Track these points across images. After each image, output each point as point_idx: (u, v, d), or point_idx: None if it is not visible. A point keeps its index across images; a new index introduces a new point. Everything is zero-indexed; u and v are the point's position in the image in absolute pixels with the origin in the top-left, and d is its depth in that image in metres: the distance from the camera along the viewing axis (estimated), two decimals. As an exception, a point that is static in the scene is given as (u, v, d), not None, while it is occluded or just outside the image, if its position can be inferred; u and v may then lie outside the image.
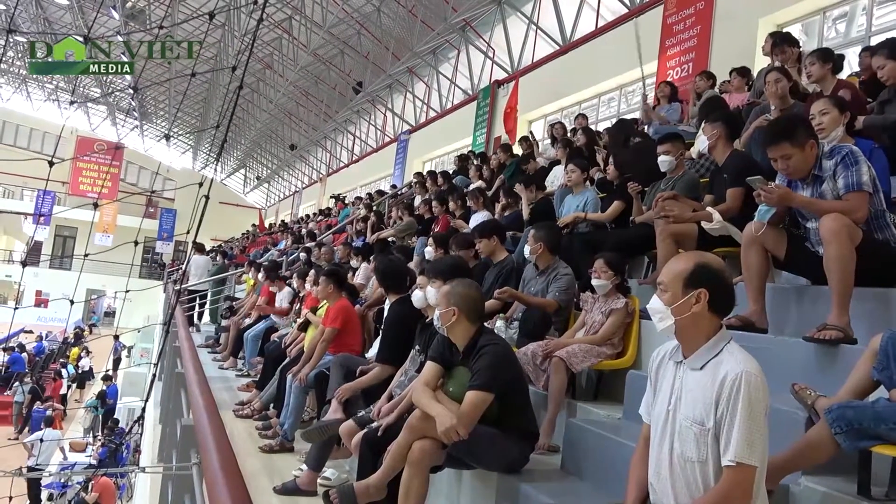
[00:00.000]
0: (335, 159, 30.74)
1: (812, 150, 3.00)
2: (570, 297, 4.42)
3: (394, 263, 4.93)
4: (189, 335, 4.79)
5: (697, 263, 2.01)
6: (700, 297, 1.97)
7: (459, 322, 3.06)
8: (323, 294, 5.63)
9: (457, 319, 3.06)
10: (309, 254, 10.70)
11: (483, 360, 2.91)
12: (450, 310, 3.06)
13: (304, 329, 6.00)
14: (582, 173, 5.83)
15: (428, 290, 3.79)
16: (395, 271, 4.69)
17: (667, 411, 2.05)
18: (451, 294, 3.10)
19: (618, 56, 11.93)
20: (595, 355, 3.84)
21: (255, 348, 7.85)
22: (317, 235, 14.12)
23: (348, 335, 5.35)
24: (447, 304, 3.07)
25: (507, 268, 4.88)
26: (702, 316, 1.98)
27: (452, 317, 3.05)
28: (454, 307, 3.06)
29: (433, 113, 20.50)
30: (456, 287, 3.14)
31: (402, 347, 4.09)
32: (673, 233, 4.00)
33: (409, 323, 4.04)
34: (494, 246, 5.03)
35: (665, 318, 2.03)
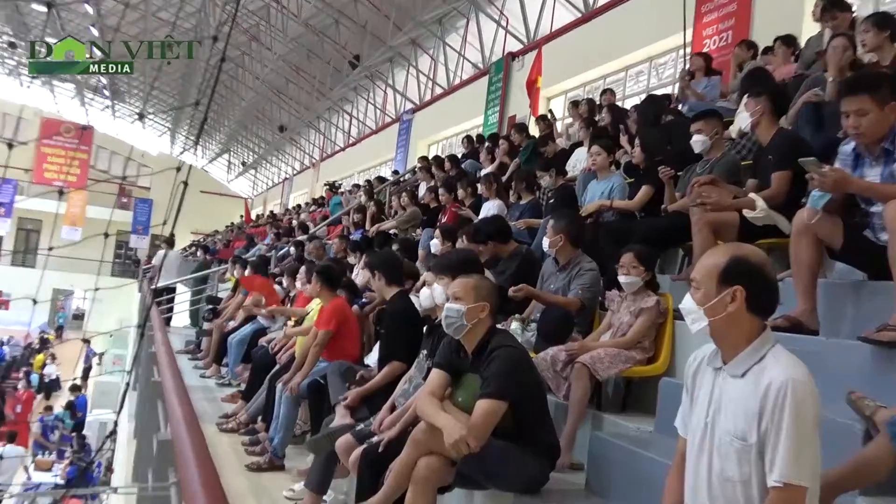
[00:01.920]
0: (329, 142, 30.79)
1: (892, 114, 2.93)
2: (594, 295, 4.41)
3: (385, 253, 4.96)
4: (167, 339, 4.81)
5: (733, 257, 2.00)
6: (735, 296, 1.96)
7: (484, 320, 3.09)
8: (315, 293, 5.65)
9: (485, 317, 3.08)
10: (300, 248, 10.72)
11: (496, 366, 2.91)
12: (479, 305, 3.06)
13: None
14: (607, 156, 5.82)
15: (435, 287, 3.78)
16: (389, 260, 4.72)
17: (705, 424, 2.03)
18: (480, 288, 3.11)
19: (648, 24, 11.85)
20: (623, 361, 3.83)
21: (240, 354, 7.87)
22: (309, 228, 14.15)
23: (344, 339, 5.36)
24: (477, 299, 3.07)
25: (521, 260, 4.87)
26: (739, 316, 1.97)
27: (481, 314, 3.06)
28: (485, 302, 3.07)
29: (439, 90, 20.48)
30: (483, 280, 3.19)
31: (411, 345, 4.10)
32: (710, 222, 3.98)
33: (413, 320, 4.04)
34: (494, 248, 5.05)
35: (698, 319, 2.02)
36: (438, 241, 6.04)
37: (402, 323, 4.26)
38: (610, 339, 4.02)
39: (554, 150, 8.39)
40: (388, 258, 4.85)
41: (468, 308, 3.06)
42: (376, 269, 4.62)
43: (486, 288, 3.13)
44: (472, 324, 3.05)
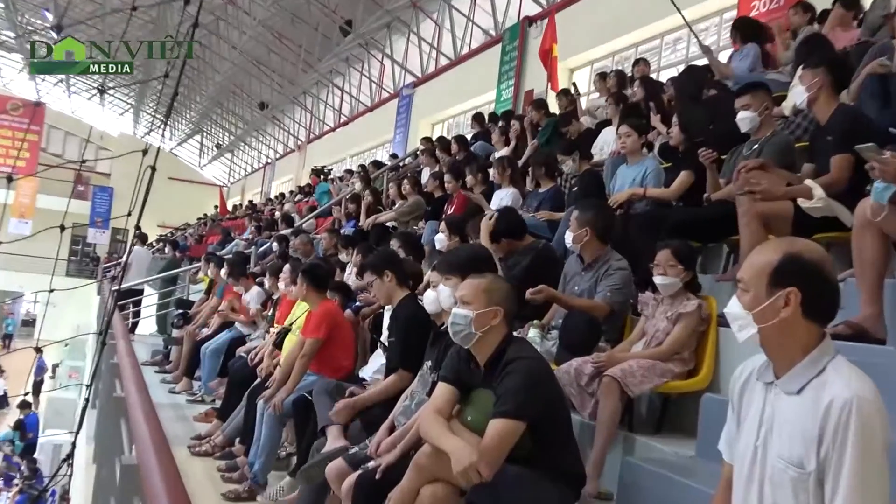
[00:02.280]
0: (318, 122, 30.86)
1: None
2: (625, 298, 4.41)
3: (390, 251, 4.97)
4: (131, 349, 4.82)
5: (786, 254, 1.99)
6: (789, 299, 1.96)
7: (498, 328, 3.08)
8: (301, 295, 5.67)
9: (498, 324, 3.08)
10: (283, 244, 10.75)
11: (511, 380, 2.91)
12: (490, 311, 3.06)
13: (280, 344, 6.04)
14: (639, 137, 5.81)
15: (441, 289, 3.79)
16: (398, 258, 4.73)
17: (754, 448, 2.03)
18: (492, 290, 3.11)
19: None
20: (658, 374, 3.83)
21: (215, 366, 7.90)
22: (294, 220, 14.17)
23: (336, 348, 5.37)
24: (487, 303, 3.07)
25: (535, 256, 4.88)
26: (794, 323, 1.96)
27: (493, 319, 3.06)
28: (498, 307, 3.07)
29: (445, 61, 20.47)
30: (496, 281, 3.18)
31: (414, 357, 4.12)
32: (760, 213, 3.97)
33: (427, 328, 4.05)
34: (506, 246, 5.05)
35: (746, 325, 2.02)
36: (444, 236, 6.04)
37: (415, 330, 4.27)
38: (643, 348, 4.01)
39: (578, 130, 8.38)
40: (393, 254, 4.86)
41: (477, 314, 3.06)
42: (387, 269, 4.61)
43: (500, 290, 3.13)
44: (483, 332, 3.05)
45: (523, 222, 5.38)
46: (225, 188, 42.88)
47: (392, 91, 23.56)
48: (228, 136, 42.04)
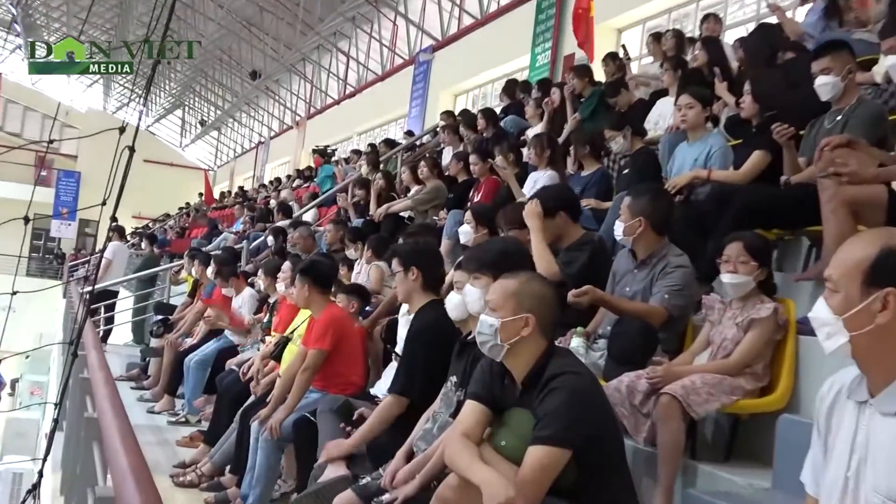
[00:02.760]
0: (319, 93, 30.95)
1: None
2: (686, 301, 4.39)
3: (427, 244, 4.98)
4: (104, 361, 4.85)
5: (884, 248, 1.99)
6: (888, 301, 1.95)
7: (532, 339, 3.06)
8: (302, 299, 5.68)
9: (530, 335, 3.05)
10: (280, 238, 10.79)
11: (554, 399, 2.91)
12: (521, 318, 3.05)
13: (278, 357, 6.07)
14: (703, 109, 5.77)
15: (468, 291, 3.78)
16: (426, 252, 4.72)
17: (845, 479, 2.02)
18: (522, 294, 3.09)
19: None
20: (727, 391, 3.81)
21: (201, 382, 7.96)
22: (293, 210, 14.22)
23: (343, 361, 5.40)
24: (516, 310, 3.07)
25: (592, 251, 4.86)
26: (893, 330, 1.95)
27: (523, 329, 3.05)
28: (528, 314, 3.06)
29: (469, 20, 20.45)
30: (529, 283, 3.15)
31: (432, 376, 4.11)
32: (848, 200, 3.94)
33: (447, 340, 4.05)
34: (562, 225, 5.02)
35: (835, 333, 2.02)
36: (470, 227, 6.04)
37: (428, 345, 4.27)
38: (708, 361, 4.00)
39: (628, 102, 8.35)
40: (432, 251, 4.84)
41: (504, 322, 3.05)
42: (416, 265, 4.58)
43: (533, 294, 3.10)
44: (511, 343, 3.05)
45: (578, 201, 5.36)
46: (210, 172, 43.11)
47: (407, 57, 23.58)
48: (214, 112, 42.29)
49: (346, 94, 28.03)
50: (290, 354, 5.85)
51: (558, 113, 9.39)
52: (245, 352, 7.63)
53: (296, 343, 5.89)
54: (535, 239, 4.91)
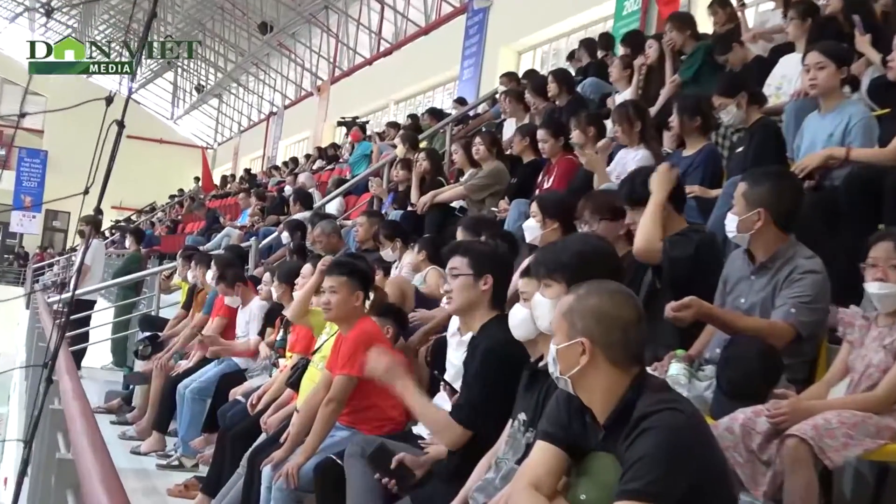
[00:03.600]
0: (346, 51, 31.06)
1: None
2: (819, 316, 4.36)
3: (500, 247, 5.00)
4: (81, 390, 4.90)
5: None
6: None
7: (598, 370, 3.04)
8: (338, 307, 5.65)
9: (590, 362, 3.03)
10: (298, 234, 10.83)
11: (645, 444, 2.89)
12: (576, 344, 3.03)
13: (296, 384, 6.10)
14: (837, 69, 5.71)
15: (536, 302, 3.77)
16: (503, 258, 4.73)
17: None
18: (574, 313, 3.07)
19: None
20: (871, 433, 3.78)
21: (199, 416, 8.01)
22: (313, 199, 14.27)
23: (378, 391, 5.35)
24: (569, 333, 3.06)
25: (698, 246, 4.83)
26: None
27: (581, 357, 3.03)
28: (584, 338, 3.04)
29: (536, -44, 20.42)
30: (586, 298, 3.10)
31: (496, 411, 4.11)
32: None
33: (516, 367, 4.05)
34: (663, 216, 4.99)
35: None
36: (538, 221, 6.02)
37: (500, 370, 4.26)
38: (847, 393, 3.96)
39: (743, 60, 8.27)
40: (507, 258, 4.84)
41: (558, 350, 3.06)
42: (491, 273, 4.55)
43: (589, 311, 3.02)
44: (572, 376, 3.04)
45: (681, 185, 5.34)
46: (209, 151, 43.56)
47: (458, 4, 23.56)
48: (214, 75, 42.67)
49: (381, 51, 28.11)
50: (311, 381, 5.87)
51: (652, 75, 9.35)
52: (254, 377, 7.68)
53: (318, 367, 5.92)
54: (651, 210, 4.92)
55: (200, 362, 8.76)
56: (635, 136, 7.28)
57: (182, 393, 8.28)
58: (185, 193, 29.72)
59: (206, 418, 7.83)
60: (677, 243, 4.86)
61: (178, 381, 8.54)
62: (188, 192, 29.55)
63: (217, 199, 25.07)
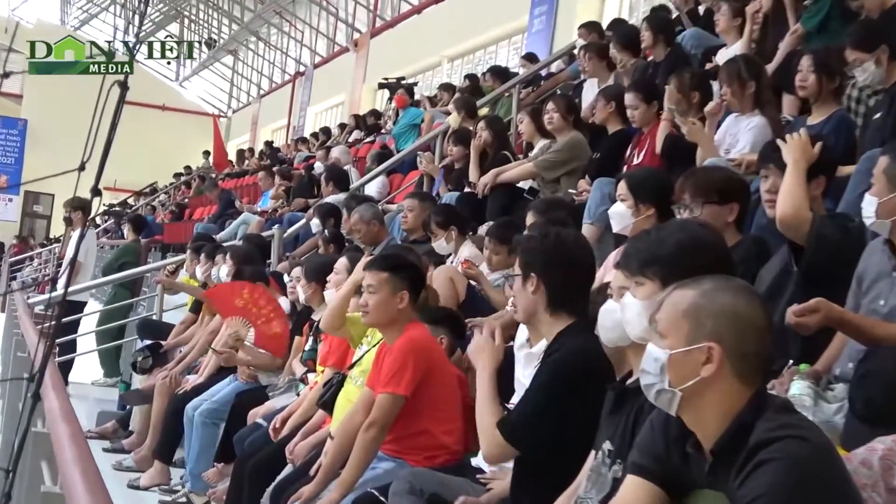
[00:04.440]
0: None
1: None
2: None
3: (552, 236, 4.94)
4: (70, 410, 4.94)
5: None
6: None
7: (721, 383, 3.01)
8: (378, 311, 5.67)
9: (717, 375, 3.01)
10: (331, 221, 10.87)
11: (765, 477, 2.87)
12: (700, 350, 3.00)
13: (329, 405, 6.10)
14: None
15: (626, 304, 3.75)
16: (561, 250, 4.68)
17: None
18: (702, 311, 3.04)
19: None
20: None
21: (210, 443, 8.06)
22: (350, 178, 14.29)
23: (431, 413, 5.44)
24: (692, 336, 3.02)
25: (818, 236, 4.79)
26: None
27: (704, 366, 3.00)
28: (710, 343, 3.01)
29: None
30: (715, 295, 3.07)
31: (572, 438, 4.13)
32: None
33: (598, 385, 4.03)
34: None
35: None
36: (627, 206, 5.99)
37: (575, 388, 4.27)
38: None
39: (881, 6, 8.17)
40: (570, 249, 4.80)
41: (672, 357, 3.01)
42: (538, 272, 4.57)
43: (721, 311, 3.00)
44: (687, 389, 3.01)
45: None
46: (223, 120, 43.82)
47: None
48: (229, 27, 42.91)
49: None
50: (348, 401, 5.90)
51: (768, 24, 9.28)
52: (277, 396, 7.71)
53: (357, 383, 5.93)
54: (795, 173, 4.91)
55: (212, 377, 8.79)
56: (748, 100, 7.22)
57: (190, 415, 8.33)
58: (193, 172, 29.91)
59: (220, 446, 7.86)
60: (827, 222, 4.84)
61: (186, 400, 8.60)
62: (197, 170, 29.75)
63: (232, 179, 25.22)
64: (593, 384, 4.08)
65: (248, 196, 20.80)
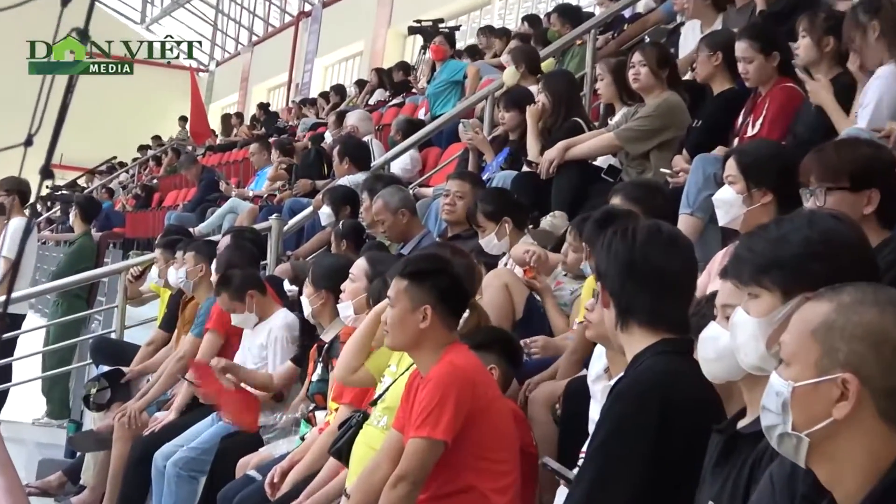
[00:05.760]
0: None
1: None
2: None
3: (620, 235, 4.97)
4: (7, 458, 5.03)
5: None
6: None
7: (859, 424, 3.01)
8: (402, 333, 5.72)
9: (852, 412, 3.01)
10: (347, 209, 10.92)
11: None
12: (832, 382, 3.02)
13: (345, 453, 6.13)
14: None
15: (738, 322, 3.78)
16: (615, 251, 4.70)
17: None
18: (835, 331, 2.99)
19: None
20: None
21: (187, 501, 8.10)
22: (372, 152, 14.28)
23: (475, 465, 5.47)
24: (822, 364, 3.00)
25: None
26: None
27: (837, 403, 2.99)
28: (845, 374, 3.02)
29: None
30: (857, 311, 3.03)
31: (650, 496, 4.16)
32: None
33: (697, 423, 4.07)
34: None
35: None
36: (736, 190, 6.02)
37: (659, 428, 4.27)
38: None
39: None
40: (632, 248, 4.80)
41: (796, 390, 3.01)
42: (621, 281, 4.56)
43: (861, 332, 2.98)
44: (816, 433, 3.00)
45: None
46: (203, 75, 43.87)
47: None
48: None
49: None
50: (368, 448, 5.93)
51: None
52: (275, 440, 7.76)
53: (380, 425, 5.99)
54: None
55: (188, 413, 8.80)
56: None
57: (161, 465, 8.34)
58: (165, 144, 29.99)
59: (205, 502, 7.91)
60: None
61: (155, 445, 8.60)
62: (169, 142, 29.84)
63: (216, 153, 25.21)
64: (684, 422, 4.11)
65: (237, 176, 20.82)
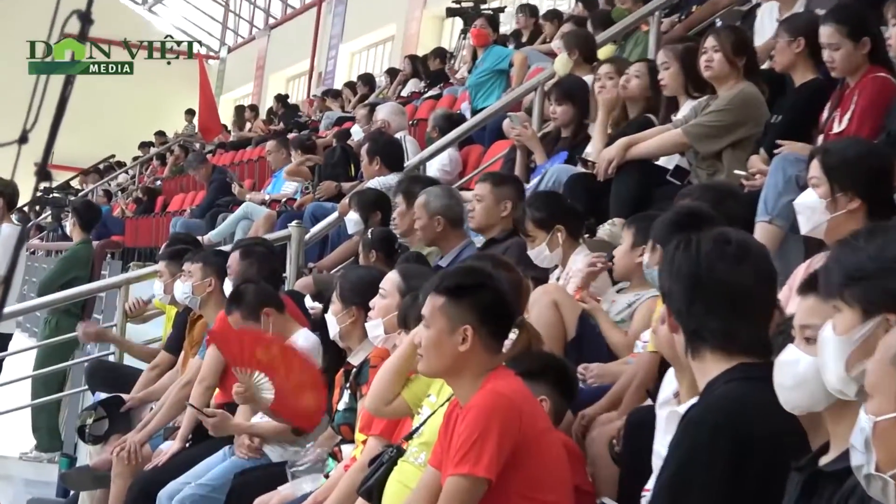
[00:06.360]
0: None
1: None
2: None
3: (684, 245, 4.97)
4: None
5: None
6: None
7: None
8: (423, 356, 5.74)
9: None
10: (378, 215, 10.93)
11: None
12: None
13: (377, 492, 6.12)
14: None
15: (824, 341, 3.77)
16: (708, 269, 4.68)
17: None
18: None
19: None
20: None
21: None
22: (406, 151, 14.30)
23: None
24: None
25: None
26: None
27: None
28: None
29: None
30: None
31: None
32: None
33: (776, 460, 4.07)
34: None
35: None
36: (821, 195, 6.01)
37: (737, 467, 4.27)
38: None
39: None
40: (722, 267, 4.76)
41: (879, 428, 2.97)
42: (686, 301, 4.55)
43: None
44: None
45: None
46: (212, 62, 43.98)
47: None
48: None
49: None
50: (403, 486, 5.94)
51: None
52: (299, 476, 7.76)
53: (416, 461, 5.98)
54: None
55: (196, 447, 8.82)
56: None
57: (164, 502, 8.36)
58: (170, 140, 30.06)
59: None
60: None
61: (159, 482, 8.61)
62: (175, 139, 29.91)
63: (227, 151, 25.26)
64: (761, 458, 4.12)
65: (252, 177, 20.86)
